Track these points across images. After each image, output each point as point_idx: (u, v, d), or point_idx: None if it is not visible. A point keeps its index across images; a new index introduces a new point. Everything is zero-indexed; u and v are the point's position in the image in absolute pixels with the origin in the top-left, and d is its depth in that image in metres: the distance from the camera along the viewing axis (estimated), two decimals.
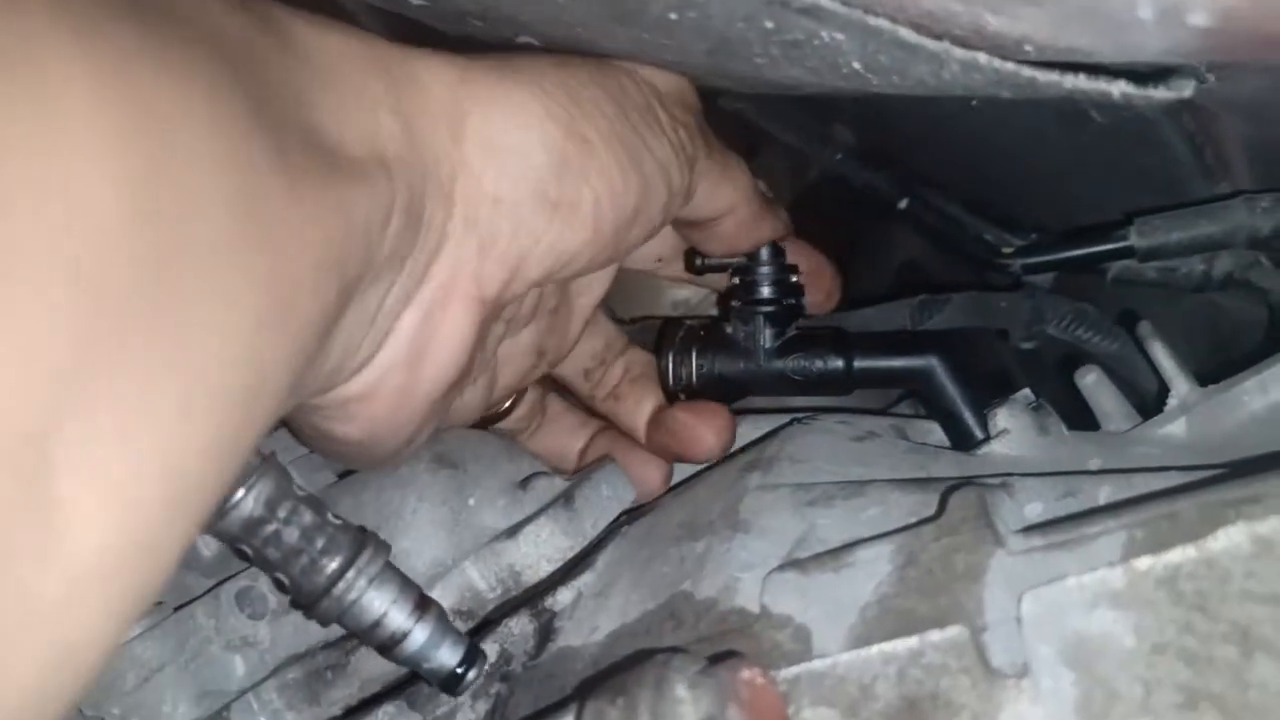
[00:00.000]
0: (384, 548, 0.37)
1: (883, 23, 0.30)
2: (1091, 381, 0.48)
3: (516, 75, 0.36)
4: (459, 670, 0.37)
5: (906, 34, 0.30)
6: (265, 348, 0.24)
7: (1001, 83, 0.31)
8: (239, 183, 0.24)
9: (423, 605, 0.36)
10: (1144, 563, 0.28)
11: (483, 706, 0.40)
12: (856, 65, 0.33)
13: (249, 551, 0.36)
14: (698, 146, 0.42)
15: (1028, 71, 0.31)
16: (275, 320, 0.24)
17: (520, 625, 0.42)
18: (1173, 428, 0.44)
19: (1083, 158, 0.52)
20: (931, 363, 0.47)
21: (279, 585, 0.37)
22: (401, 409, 0.35)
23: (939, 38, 0.30)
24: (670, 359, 0.50)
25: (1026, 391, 0.46)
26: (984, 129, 0.52)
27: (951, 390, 0.47)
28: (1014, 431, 0.44)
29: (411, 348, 0.34)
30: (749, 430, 0.51)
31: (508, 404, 0.49)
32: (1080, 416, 0.48)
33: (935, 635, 0.29)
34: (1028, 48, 0.30)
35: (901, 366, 0.48)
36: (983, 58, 0.30)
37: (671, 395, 0.52)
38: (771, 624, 0.33)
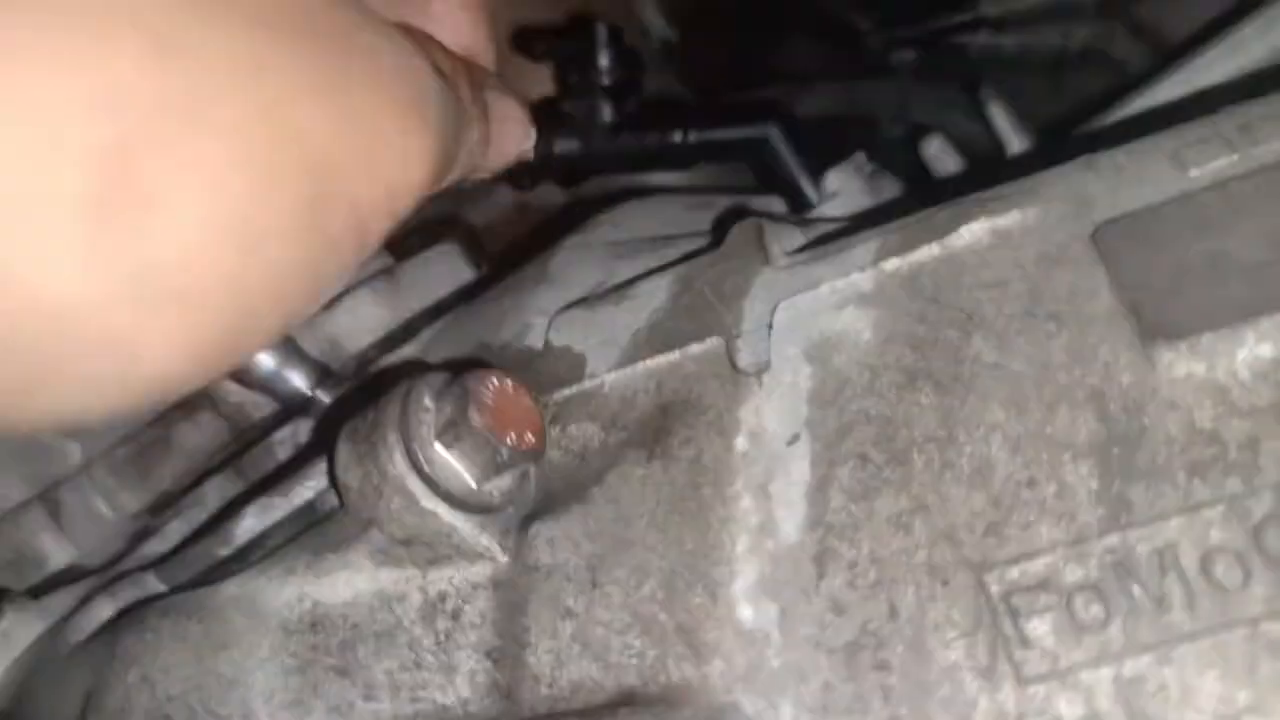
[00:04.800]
0: None
1: None
2: (935, 149, 0.48)
3: None
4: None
5: None
6: None
7: None
8: None
9: None
10: (891, 264, 0.28)
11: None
12: None
13: None
14: None
15: None
16: None
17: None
18: None
19: None
20: (769, 131, 0.47)
21: None
22: None
23: None
24: None
25: (861, 155, 0.45)
26: None
27: (787, 158, 0.46)
28: (844, 194, 0.44)
29: None
30: None
31: None
32: None
33: (695, 348, 0.29)
34: None
35: (739, 136, 0.47)
36: None
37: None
38: (552, 356, 0.33)
